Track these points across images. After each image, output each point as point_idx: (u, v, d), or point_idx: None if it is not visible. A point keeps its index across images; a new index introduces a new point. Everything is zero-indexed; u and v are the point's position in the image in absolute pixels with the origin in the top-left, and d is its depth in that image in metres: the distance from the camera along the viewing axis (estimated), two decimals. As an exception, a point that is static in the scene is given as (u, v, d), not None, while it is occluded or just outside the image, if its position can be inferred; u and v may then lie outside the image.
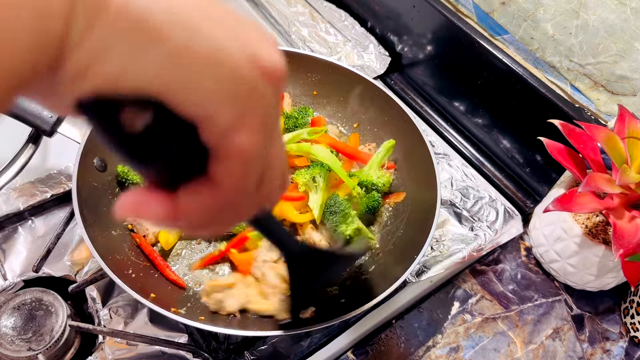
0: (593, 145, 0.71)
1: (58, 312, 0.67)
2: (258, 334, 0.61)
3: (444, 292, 0.81)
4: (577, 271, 0.77)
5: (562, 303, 0.82)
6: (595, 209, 0.69)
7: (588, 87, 0.84)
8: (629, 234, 0.65)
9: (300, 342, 0.73)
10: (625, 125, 0.69)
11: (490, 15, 0.91)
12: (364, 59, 1.05)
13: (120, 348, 0.68)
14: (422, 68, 1.04)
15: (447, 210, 0.87)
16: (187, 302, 0.67)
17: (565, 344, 0.78)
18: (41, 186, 0.79)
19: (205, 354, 0.69)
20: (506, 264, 0.85)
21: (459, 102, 0.99)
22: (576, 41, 0.81)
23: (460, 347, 0.76)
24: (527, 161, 0.92)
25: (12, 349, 0.64)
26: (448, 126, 1.03)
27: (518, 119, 0.90)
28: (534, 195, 0.93)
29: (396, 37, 1.06)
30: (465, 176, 0.92)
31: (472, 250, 0.81)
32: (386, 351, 0.74)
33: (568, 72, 0.85)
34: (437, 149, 0.96)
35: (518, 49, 0.90)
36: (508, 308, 0.80)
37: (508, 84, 0.87)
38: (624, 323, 0.81)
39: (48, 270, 0.74)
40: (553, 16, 0.82)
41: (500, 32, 0.91)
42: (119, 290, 0.73)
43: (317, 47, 1.06)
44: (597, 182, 0.65)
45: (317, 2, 1.13)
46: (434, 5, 0.93)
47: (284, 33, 1.10)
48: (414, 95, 1.06)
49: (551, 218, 0.78)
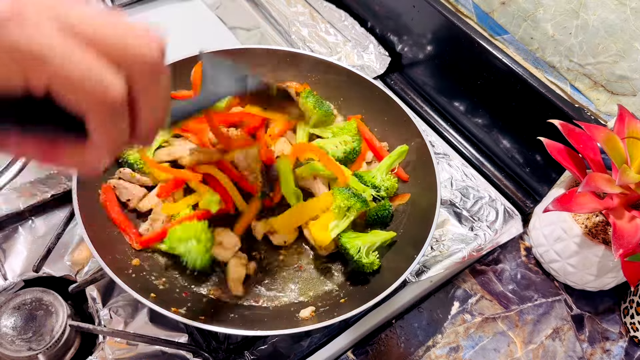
0: (593, 145, 0.71)
1: (58, 312, 0.67)
2: (258, 334, 0.61)
3: (444, 292, 0.81)
4: (577, 271, 0.77)
5: (562, 303, 0.82)
6: (595, 209, 0.70)
7: (588, 87, 0.84)
8: (628, 234, 0.65)
9: (300, 342, 0.73)
10: (625, 125, 0.69)
11: (490, 15, 0.91)
12: (364, 59, 1.05)
13: (120, 348, 0.68)
14: (422, 68, 1.04)
15: (447, 210, 0.87)
16: (187, 302, 0.67)
17: (565, 344, 0.78)
18: (41, 186, 0.79)
19: (206, 354, 0.69)
20: (506, 264, 0.85)
21: (459, 102, 1.00)
22: (576, 41, 0.81)
23: (460, 347, 0.76)
24: (527, 161, 0.92)
25: (13, 348, 0.64)
26: (448, 126, 1.03)
27: (518, 119, 0.90)
28: (534, 195, 0.93)
29: (396, 37, 1.06)
30: (465, 176, 0.92)
31: (472, 250, 0.81)
32: (386, 351, 0.74)
33: (568, 72, 0.85)
34: (437, 149, 0.96)
35: (518, 49, 0.90)
36: (508, 308, 0.80)
37: (508, 84, 0.87)
38: (623, 323, 0.81)
39: (48, 270, 0.74)
40: (553, 16, 0.82)
41: (500, 32, 0.91)
42: (119, 290, 0.73)
43: (317, 47, 1.06)
44: (597, 182, 0.65)
45: (317, 2, 1.13)
46: (434, 5, 0.93)
47: (284, 33, 1.10)
48: (414, 95, 1.06)
49: (551, 218, 0.78)
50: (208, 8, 1.14)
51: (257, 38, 1.10)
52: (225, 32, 1.10)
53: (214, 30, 1.10)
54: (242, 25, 1.12)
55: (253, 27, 1.12)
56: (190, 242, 0.70)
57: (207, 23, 1.11)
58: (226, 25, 1.11)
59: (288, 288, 0.73)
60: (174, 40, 1.21)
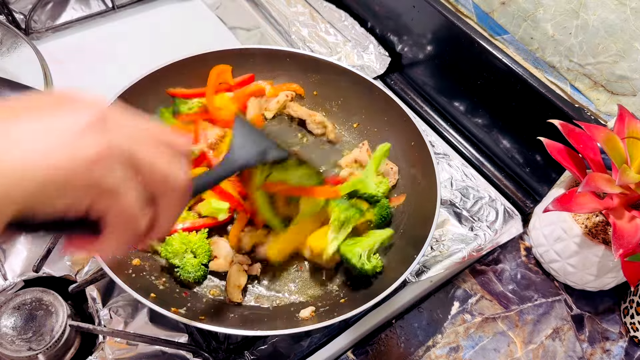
0: (593, 145, 0.71)
1: (58, 312, 0.67)
2: (258, 334, 0.61)
3: (444, 292, 0.81)
4: (577, 271, 0.77)
5: (562, 303, 0.82)
6: (595, 209, 0.69)
7: (588, 87, 0.84)
8: (628, 234, 0.65)
9: (300, 342, 0.73)
10: (625, 125, 0.69)
11: (490, 15, 0.91)
12: (364, 59, 1.05)
13: (120, 348, 0.68)
14: (422, 68, 1.04)
15: (447, 210, 0.87)
16: (187, 302, 0.67)
17: (565, 344, 0.78)
18: (41, 186, 0.79)
19: (206, 354, 0.69)
20: (506, 264, 0.85)
21: (459, 102, 1.00)
22: (576, 41, 0.81)
23: (460, 347, 0.76)
24: (527, 161, 0.92)
25: (12, 348, 0.64)
26: (448, 126, 1.03)
27: (518, 119, 0.90)
28: (534, 195, 0.93)
29: (396, 37, 1.06)
30: (465, 176, 0.92)
31: (472, 250, 0.81)
32: (386, 351, 0.74)
33: (568, 72, 0.85)
34: (437, 149, 0.96)
35: (518, 49, 0.90)
36: (508, 308, 0.80)
37: (508, 84, 0.87)
38: (623, 323, 0.81)
39: (48, 270, 0.74)
40: (553, 16, 0.82)
41: (500, 32, 0.91)
42: (119, 290, 0.73)
43: (317, 47, 1.06)
44: (597, 182, 0.65)
45: (317, 2, 1.13)
46: (434, 5, 0.93)
47: (284, 33, 1.10)
48: (414, 95, 1.06)
49: (551, 218, 0.78)
50: (208, 8, 1.14)
51: (257, 38, 1.11)
52: (225, 32, 1.10)
53: (214, 30, 1.10)
54: (242, 25, 1.12)
55: (253, 27, 1.12)
56: (186, 255, 0.70)
57: (207, 23, 1.11)
58: (226, 25, 1.11)
59: (288, 288, 0.73)
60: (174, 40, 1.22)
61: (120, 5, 1.09)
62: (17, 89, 0.70)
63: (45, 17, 1.06)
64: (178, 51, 0.84)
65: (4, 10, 0.99)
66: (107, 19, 1.09)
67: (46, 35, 1.03)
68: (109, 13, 1.08)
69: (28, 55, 0.83)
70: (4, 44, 0.87)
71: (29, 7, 1.02)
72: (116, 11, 1.09)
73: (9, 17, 1.00)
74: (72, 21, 1.05)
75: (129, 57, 0.99)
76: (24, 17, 1.02)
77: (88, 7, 1.09)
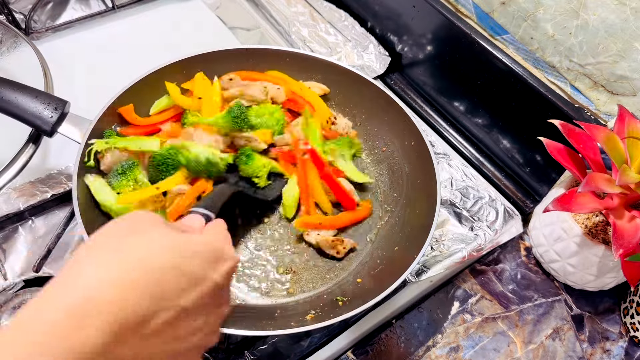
0: (593, 145, 0.71)
1: (58, 312, 0.67)
2: (258, 334, 0.61)
3: (444, 292, 0.81)
4: (577, 271, 0.77)
5: (562, 303, 0.82)
6: (595, 209, 0.69)
7: (588, 87, 0.84)
8: (628, 234, 0.65)
9: (300, 342, 0.73)
10: (625, 125, 0.69)
11: (490, 15, 0.91)
12: (364, 59, 1.05)
13: (120, 348, 0.68)
14: (422, 68, 1.04)
15: (447, 210, 0.87)
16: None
17: (565, 344, 0.78)
18: (41, 186, 0.79)
19: (205, 354, 0.69)
20: (506, 264, 0.85)
21: (459, 102, 1.00)
22: (576, 41, 0.81)
23: (460, 347, 0.76)
24: (527, 161, 0.92)
25: (13, 348, 0.64)
26: (448, 126, 1.03)
27: (518, 119, 0.90)
28: (534, 195, 0.93)
29: (396, 37, 1.06)
30: (465, 176, 0.92)
31: (472, 250, 0.82)
32: (386, 351, 0.74)
33: (568, 72, 0.85)
34: (437, 149, 0.96)
35: (518, 49, 0.90)
36: (508, 308, 0.80)
37: (508, 84, 0.87)
38: (623, 323, 0.81)
39: (48, 270, 0.74)
40: (553, 16, 0.82)
41: (500, 32, 0.91)
42: (119, 290, 0.73)
43: (317, 47, 1.06)
44: (597, 182, 0.65)
45: (317, 2, 1.13)
46: (434, 5, 0.93)
47: (284, 33, 1.10)
48: (414, 95, 1.07)
49: (551, 218, 0.78)
50: (208, 8, 1.14)
51: (257, 38, 1.11)
52: (225, 32, 1.10)
53: (214, 30, 1.10)
54: (242, 25, 1.12)
55: (253, 27, 1.12)
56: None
57: (207, 23, 1.11)
58: (226, 25, 1.11)
59: (288, 288, 0.73)
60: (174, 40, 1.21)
61: (120, 5, 1.09)
62: (17, 89, 0.70)
63: (45, 17, 1.06)
64: (178, 51, 0.84)
65: (4, 10, 0.99)
66: (107, 19, 1.09)
67: (46, 35, 1.03)
68: (109, 13, 1.09)
69: (28, 55, 0.83)
70: (4, 44, 0.87)
71: (29, 7, 1.02)
72: (116, 11, 1.09)
73: (9, 17, 1.00)
74: (72, 21, 1.06)
75: (129, 57, 0.99)
76: (24, 17, 1.02)
77: (88, 7, 1.10)
